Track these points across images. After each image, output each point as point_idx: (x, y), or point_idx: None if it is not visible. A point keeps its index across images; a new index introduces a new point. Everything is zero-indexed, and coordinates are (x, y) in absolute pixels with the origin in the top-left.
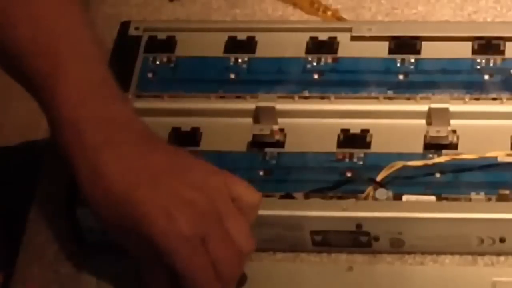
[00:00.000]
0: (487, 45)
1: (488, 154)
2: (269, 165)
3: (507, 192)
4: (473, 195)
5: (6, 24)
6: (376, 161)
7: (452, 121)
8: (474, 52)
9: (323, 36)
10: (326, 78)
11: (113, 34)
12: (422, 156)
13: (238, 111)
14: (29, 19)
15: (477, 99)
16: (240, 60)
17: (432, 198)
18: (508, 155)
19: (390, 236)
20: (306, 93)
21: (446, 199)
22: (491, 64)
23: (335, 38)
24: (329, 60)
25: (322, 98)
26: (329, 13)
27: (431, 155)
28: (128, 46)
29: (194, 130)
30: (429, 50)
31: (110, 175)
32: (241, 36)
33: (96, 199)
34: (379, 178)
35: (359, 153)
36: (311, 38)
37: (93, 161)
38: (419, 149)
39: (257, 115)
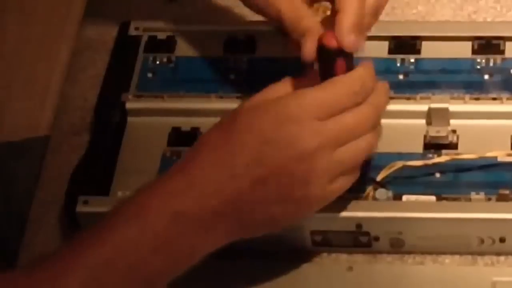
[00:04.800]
0: (487, 45)
1: (488, 154)
2: None
3: (507, 192)
4: (473, 195)
5: None
6: (376, 161)
7: (452, 121)
8: (474, 52)
9: None
10: None
11: (113, 34)
12: (422, 156)
13: None
14: None
15: (477, 99)
16: (240, 60)
17: (432, 198)
18: (508, 155)
19: (390, 236)
20: None
21: (446, 199)
22: (491, 64)
23: None
24: None
25: None
26: (328, 13)
27: (431, 155)
28: (128, 46)
29: (194, 130)
30: (429, 50)
31: None
32: (241, 36)
33: None
34: (379, 178)
35: None
36: None
37: None
38: (419, 149)
39: None
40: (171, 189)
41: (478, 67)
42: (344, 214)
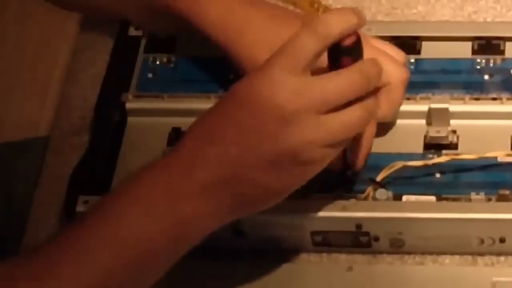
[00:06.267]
0: (487, 45)
1: (488, 154)
2: None
3: (507, 192)
4: (473, 195)
5: None
6: (376, 161)
7: (452, 121)
8: (474, 52)
9: None
10: None
11: (113, 34)
12: (422, 156)
13: None
14: None
15: (477, 99)
16: None
17: (432, 198)
18: (508, 155)
19: (390, 236)
20: None
21: (446, 199)
22: (491, 64)
23: None
24: None
25: None
26: None
27: (431, 155)
28: (128, 46)
29: None
30: (429, 50)
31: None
32: None
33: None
34: (379, 178)
35: None
36: None
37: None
38: (419, 149)
39: None
40: (163, 163)
41: (478, 67)
42: (344, 214)
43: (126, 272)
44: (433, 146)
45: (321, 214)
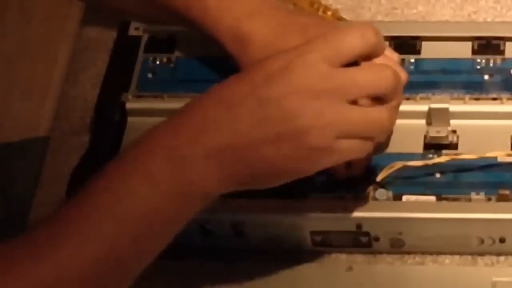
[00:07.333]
0: (487, 45)
1: (488, 154)
2: None
3: (507, 192)
4: (473, 195)
5: None
6: (376, 161)
7: (452, 121)
8: (474, 52)
9: None
10: None
11: (113, 34)
12: (422, 156)
13: None
14: None
15: (477, 99)
16: None
17: (432, 198)
18: (508, 155)
19: (390, 236)
20: None
21: (446, 199)
22: (491, 64)
23: None
24: None
25: None
26: (329, 13)
27: (431, 155)
28: (128, 46)
29: None
30: (429, 50)
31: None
32: None
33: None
34: (379, 178)
35: None
36: None
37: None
38: (419, 149)
39: None
40: (167, 128)
41: (478, 67)
42: (344, 214)
43: (130, 242)
44: (433, 146)
45: (321, 214)
